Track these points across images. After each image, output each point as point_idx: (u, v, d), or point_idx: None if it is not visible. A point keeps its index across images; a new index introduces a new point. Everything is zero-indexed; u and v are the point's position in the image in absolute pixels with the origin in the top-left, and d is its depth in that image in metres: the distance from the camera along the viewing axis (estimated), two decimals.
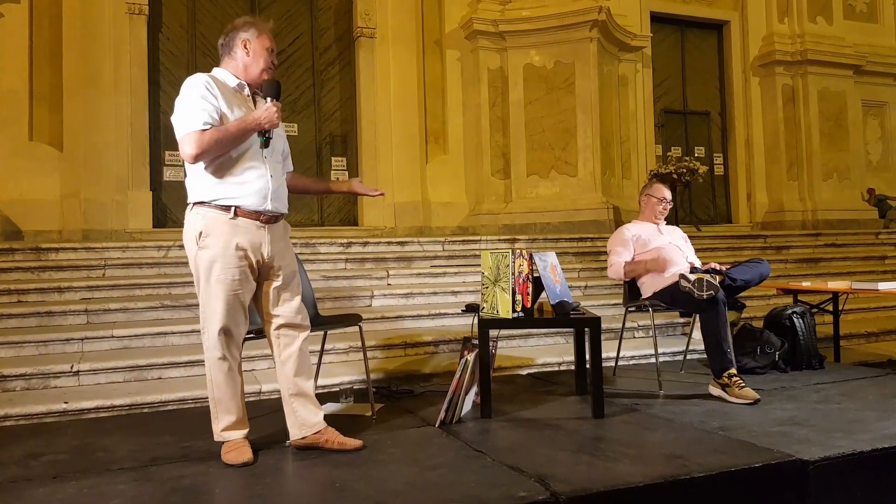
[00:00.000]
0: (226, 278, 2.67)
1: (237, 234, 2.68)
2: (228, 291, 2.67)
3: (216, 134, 2.63)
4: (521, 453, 2.74)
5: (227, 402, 2.76)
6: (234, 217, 2.68)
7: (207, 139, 2.61)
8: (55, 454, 2.85)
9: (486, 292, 3.40)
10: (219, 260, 2.67)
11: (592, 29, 8.82)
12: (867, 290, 4.70)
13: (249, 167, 2.71)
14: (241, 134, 2.67)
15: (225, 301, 2.67)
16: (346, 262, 6.37)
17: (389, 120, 8.79)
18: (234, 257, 2.68)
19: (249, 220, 2.70)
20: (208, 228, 2.68)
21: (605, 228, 8.04)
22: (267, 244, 2.74)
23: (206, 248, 2.68)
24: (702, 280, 3.60)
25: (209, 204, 2.69)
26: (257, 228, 2.72)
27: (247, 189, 2.69)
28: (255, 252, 2.72)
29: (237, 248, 2.68)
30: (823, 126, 10.70)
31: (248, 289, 2.74)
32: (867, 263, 8.22)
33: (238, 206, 2.69)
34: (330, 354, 4.35)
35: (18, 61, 7.32)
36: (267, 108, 2.71)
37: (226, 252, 2.67)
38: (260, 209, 2.71)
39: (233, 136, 2.66)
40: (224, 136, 2.64)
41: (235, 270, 2.68)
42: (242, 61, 2.81)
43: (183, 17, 8.12)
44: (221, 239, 2.67)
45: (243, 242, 2.69)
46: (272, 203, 2.75)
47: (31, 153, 7.33)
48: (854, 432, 2.94)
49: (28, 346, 4.24)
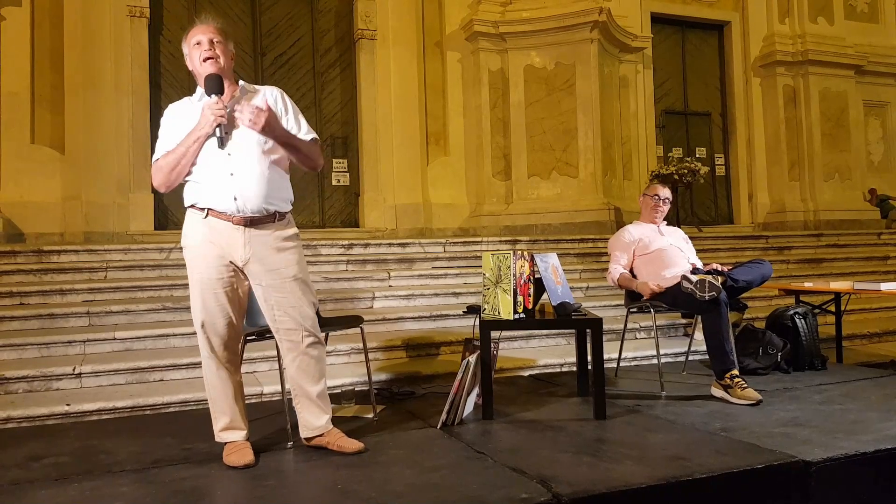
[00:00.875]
0: (201, 277, 2.71)
1: (212, 234, 2.70)
2: (204, 290, 2.71)
3: (163, 160, 2.71)
4: (523, 455, 2.74)
5: (221, 403, 2.77)
6: (206, 217, 2.71)
7: (157, 168, 2.71)
8: (57, 456, 2.85)
9: (487, 294, 3.40)
10: (196, 259, 2.73)
11: (593, 30, 8.82)
12: (869, 290, 4.69)
13: (210, 169, 2.69)
14: (186, 149, 2.67)
15: (201, 298, 2.71)
16: (347, 264, 6.37)
17: (390, 122, 8.79)
18: (211, 256, 2.70)
19: (222, 221, 2.70)
20: (187, 229, 2.77)
21: (607, 229, 8.04)
22: (243, 246, 2.69)
23: (186, 248, 2.77)
24: (704, 281, 3.60)
25: (188, 207, 2.76)
26: (232, 229, 2.69)
27: (211, 191, 2.69)
28: (229, 253, 2.70)
29: (213, 247, 2.70)
30: (825, 126, 10.70)
31: (230, 289, 2.73)
32: (869, 264, 8.21)
33: (209, 208, 2.70)
34: (331, 356, 4.35)
35: (20, 64, 7.34)
36: (203, 112, 2.66)
37: (203, 252, 2.71)
38: (227, 210, 2.68)
39: (180, 154, 2.67)
40: (170, 158, 2.68)
41: (213, 270, 2.70)
42: (195, 74, 2.80)
43: (184, 19, 8.13)
44: (197, 239, 2.72)
45: (217, 242, 2.70)
46: (239, 202, 2.66)
47: (33, 155, 7.35)
48: (856, 433, 2.94)
49: (30, 348, 4.25)
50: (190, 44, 2.76)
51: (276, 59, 8.70)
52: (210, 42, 2.73)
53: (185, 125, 2.72)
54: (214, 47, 2.73)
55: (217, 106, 2.65)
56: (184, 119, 2.74)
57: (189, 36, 2.78)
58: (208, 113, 2.64)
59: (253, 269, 2.73)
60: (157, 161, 2.74)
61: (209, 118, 2.64)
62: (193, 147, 2.67)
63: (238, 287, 2.76)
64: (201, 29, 2.76)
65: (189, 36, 2.78)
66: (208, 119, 2.64)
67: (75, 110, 7.44)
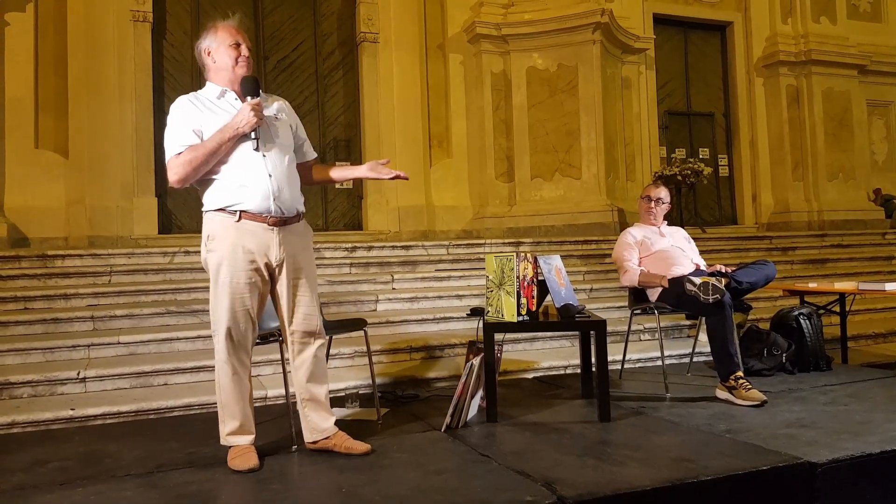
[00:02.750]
0: (231, 281, 2.67)
1: (244, 237, 2.68)
2: (233, 294, 2.67)
3: (188, 155, 2.65)
4: (527, 457, 2.73)
5: (232, 407, 2.75)
6: (239, 220, 2.68)
7: (181, 163, 2.65)
8: (62, 461, 2.85)
9: (490, 296, 3.40)
10: (225, 263, 2.68)
11: (595, 31, 8.82)
12: (874, 290, 4.67)
13: (247, 170, 2.69)
14: (218, 146, 2.65)
15: (229, 304, 2.67)
16: (350, 267, 6.37)
17: (393, 124, 8.80)
18: (241, 260, 2.67)
19: (255, 223, 2.69)
20: (215, 232, 2.71)
21: (610, 231, 8.03)
22: (276, 247, 2.71)
23: (213, 252, 2.70)
24: (708, 283, 3.59)
25: (216, 210, 2.71)
26: (265, 231, 2.70)
27: (248, 192, 2.68)
28: (262, 255, 2.70)
29: (244, 252, 2.67)
30: (828, 126, 10.67)
31: (256, 293, 2.72)
32: (874, 264, 8.19)
33: (243, 210, 2.68)
34: (335, 359, 4.35)
35: (24, 69, 7.36)
36: (242, 111, 2.67)
37: (232, 255, 2.67)
38: (264, 211, 2.69)
39: (211, 150, 2.65)
40: (198, 153, 2.65)
41: (242, 274, 2.67)
42: (213, 69, 2.80)
43: (186, 24, 8.15)
44: (227, 242, 2.68)
45: (250, 245, 2.68)
46: (276, 203, 2.70)
47: (37, 160, 7.37)
48: (862, 434, 2.93)
49: (34, 353, 4.25)
50: (223, 41, 2.76)
51: (278, 62, 8.71)
52: (248, 49, 2.81)
53: (207, 121, 2.69)
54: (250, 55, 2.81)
55: (259, 107, 2.67)
56: (205, 114, 2.71)
57: (221, 31, 2.77)
58: (250, 113, 2.65)
59: (284, 270, 2.74)
60: (179, 155, 2.66)
61: (251, 118, 2.65)
62: (228, 144, 2.67)
63: (264, 291, 2.76)
64: (240, 32, 2.81)
65: (221, 31, 2.77)
66: (250, 119, 2.65)
67: (79, 115, 7.45)
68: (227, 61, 2.76)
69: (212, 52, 2.78)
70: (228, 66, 2.76)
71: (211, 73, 2.81)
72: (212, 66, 2.80)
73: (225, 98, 2.78)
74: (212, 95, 2.79)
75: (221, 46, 2.76)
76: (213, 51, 2.78)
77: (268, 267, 2.73)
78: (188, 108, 2.73)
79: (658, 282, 4.01)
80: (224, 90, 2.79)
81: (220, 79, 2.79)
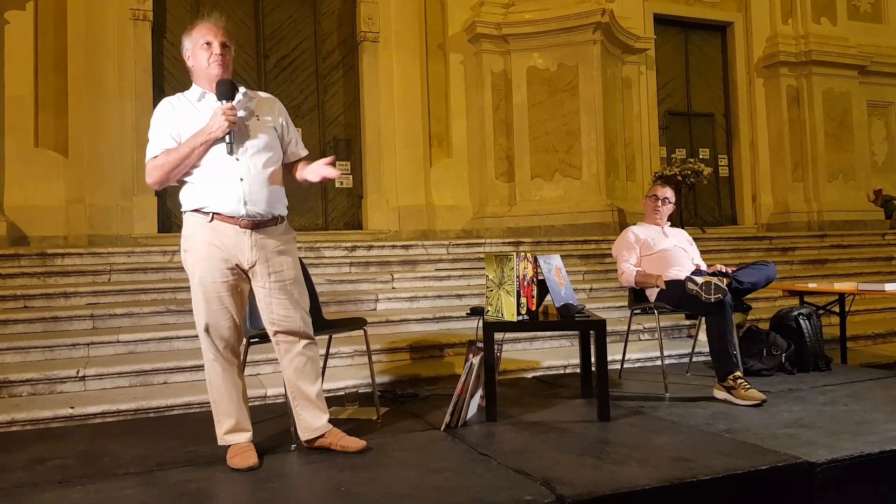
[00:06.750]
0: (205, 280, 2.70)
1: (216, 237, 2.69)
2: (209, 293, 2.70)
3: (162, 158, 2.67)
4: (527, 456, 2.74)
5: (225, 405, 2.77)
6: (211, 221, 2.70)
7: (155, 166, 2.68)
8: (61, 459, 2.86)
9: (490, 295, 3.40)
10: (199, 262, 2.71)
11: (595, 31, 8.81)
12: (874, 291, 4.68)
13: (220, 174, 2.68)
14: (191, 151, 2.65)
15: (205, 301, 2.71)
16: (350, 266, 6.37)
17: (393, 124, 8.79)
18: (216, 259, 2.69)
19: (228, 225, 2.70)
20: (191, 232, 2.74)
21: (610, 231, 8.02)
22: (248, 249, 2.71)
23: (188, 251, 2.74)
24: (709, 283, 3.59)
25: (192, 210, 2.73)
26: (237, 233, 2.70)
27: (219, 195, 2.68)
28: (234, 256, 2.71)
29: (218, 250, 2.69)
30: (828, 127, 10.67)
31: (235, 292, 2.73)
32: (873, 264, 8.18)
33: (215, 212, 2.69)
34: (335, 358, 4.35)
35: (23, 67, 7.35)
36: (214, 116, 2.65)
37: (207, 254, 2.69)
38: (236, 214, 2.68)
39: (184, 155, 2.65)
40: (171, 158, 2.66)
41: (217, 273, 2.70)
42: (194, 71, 2.79)
43: (187, 23, 7.95)
44: (202, 241, 2.70)
45: (222, 246, 2.69)
46: (247, 207, 2.68)
47: (37, 159, 7.36)
48: (861, 434, 2.93)
49: (34, 351, 4.25)
50: (196, 41, 2.73)
51: (278, 61, 8.71)
52: (221, 46, 2.73)
53: (185, 124, 2.70)
54: (224, 52, 2.73)
55: (231, 112, 2.65)
56: (183, 118, 2.72)
57: (195, 32, 2.74)
58: (221, 118, 2.63)
59: (258, 272, 2.74)
60: (154, 158, 2.69)
61: (222, 123, 2.63)
62: (200, 149, 2.66)
63: (241, 289, 2.77)
64: (211, 30, 2.73)
65: (195, 32, 2.74)
66: (221, 124, 2.63)
67: (79, 114, 7.44)
68: (201, 62, 2.73)
69: (190, 54, 2.78)
70: (202, 67, 2.73)
71: (193, 74, 2.81)
72: (192, 67, 2.79)
73: (205, 100, 2.76)
74: (193, 98, 2.79)
75: (195, 47, 2.74)
76: (191, 53, 2.77)
77: (239, 267, 2.73)
78: (168, 110, 2.75)
79: (654, 282, 4.02)
80: (204, 92, 2.77)
81: (201, 80, 2.78)
